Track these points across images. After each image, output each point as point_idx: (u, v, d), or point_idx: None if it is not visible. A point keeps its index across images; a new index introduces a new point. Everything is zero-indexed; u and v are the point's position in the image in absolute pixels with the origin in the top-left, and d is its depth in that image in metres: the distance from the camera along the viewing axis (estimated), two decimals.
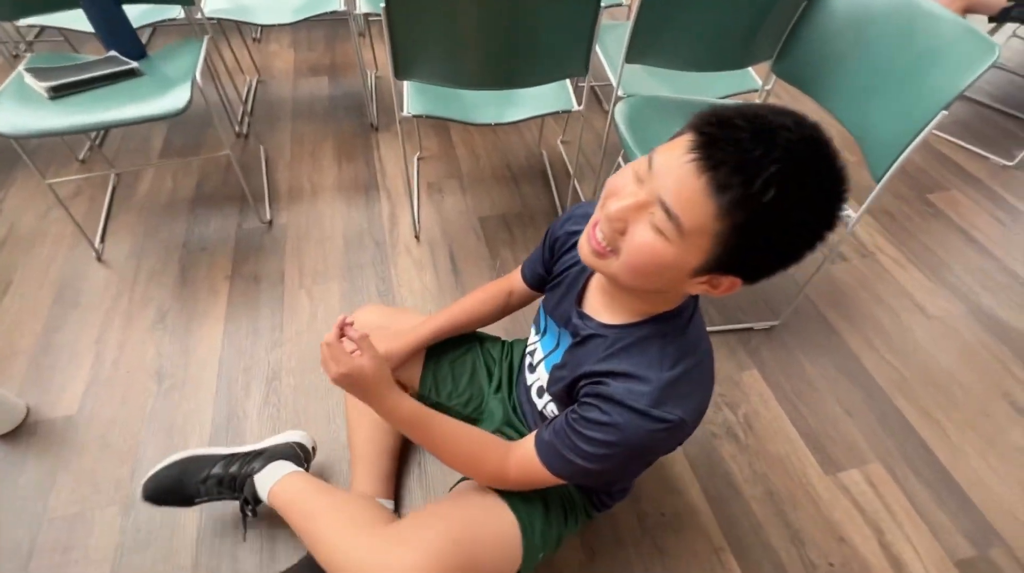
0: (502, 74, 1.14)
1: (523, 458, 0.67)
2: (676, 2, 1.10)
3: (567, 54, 1.13)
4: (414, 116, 1.22)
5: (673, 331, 0.61)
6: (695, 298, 0.64)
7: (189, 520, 0.98)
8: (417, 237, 1.52)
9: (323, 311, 1.33)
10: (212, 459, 0.93)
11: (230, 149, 1.40)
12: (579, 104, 1.30)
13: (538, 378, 0.79)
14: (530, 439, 0.67)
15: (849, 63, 1.08)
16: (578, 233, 0.62)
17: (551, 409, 0.77)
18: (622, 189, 0.52)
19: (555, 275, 0.77)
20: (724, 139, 0.44)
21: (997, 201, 1.74)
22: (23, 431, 1.10)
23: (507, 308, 0.92)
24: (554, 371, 0.72)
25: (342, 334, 0.69)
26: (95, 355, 1.22)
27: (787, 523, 1.02)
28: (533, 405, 0.81)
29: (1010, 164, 1.87)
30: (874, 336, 1.34)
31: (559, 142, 1.85)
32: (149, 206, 1.57)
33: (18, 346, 1.23)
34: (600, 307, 0.67)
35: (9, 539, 0.96)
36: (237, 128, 1.84)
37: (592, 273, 0.70)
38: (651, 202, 0.49)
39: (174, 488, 0.90)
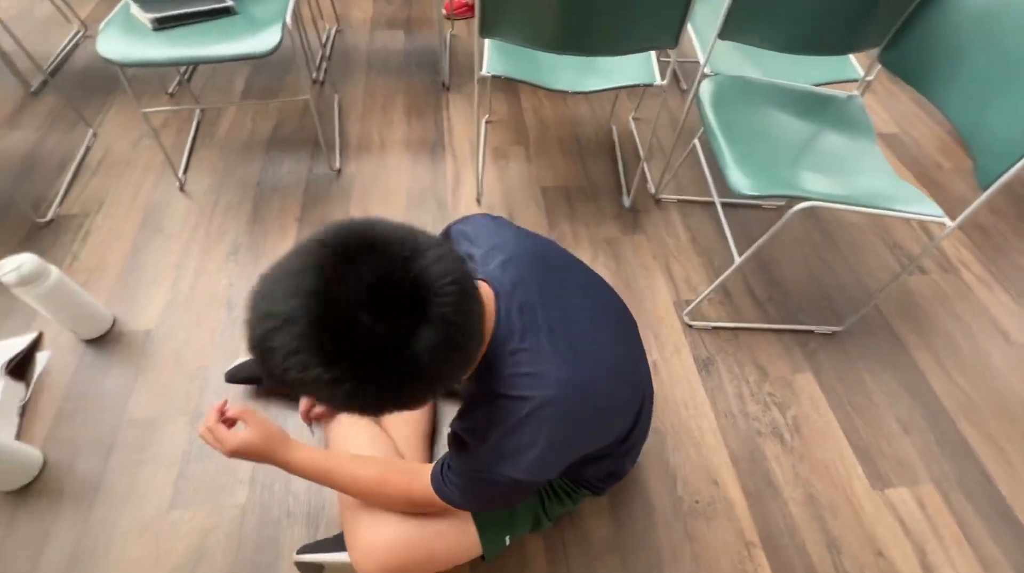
0: (588, 40, 1.11)
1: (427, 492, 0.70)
2: None
3: (658, 24, 1.09)
4: (492, 76, 1.21)
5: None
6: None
7: None
8: (478, 200, 1.53)
9: None
10: None
11: (307, 95, 1.43)
12: (662, 79, 1.25)
13: None
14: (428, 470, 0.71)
15: (971, 57, 0.99)
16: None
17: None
18: None
19: None
20: None
21: None
22: (109, 339, 1.20)
23: None
24: None
25: (223, 415, 0.74)
26: (174, 278, 1.31)
27: (825, 529, 1.00)
28: None
29: None
30: (945, 355, 1.27)
31: (631, 118, 1.79)
32: (229, 144, 1.64)
33: (107, 261, 1.33)
34: None
35: (94, 433, 1.06)
36: (314, 75, 1.88)
37: None
38: None
39: (252, 379, 1.08)
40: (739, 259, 1.12)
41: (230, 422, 0.76)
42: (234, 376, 1.09)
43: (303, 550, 0.88)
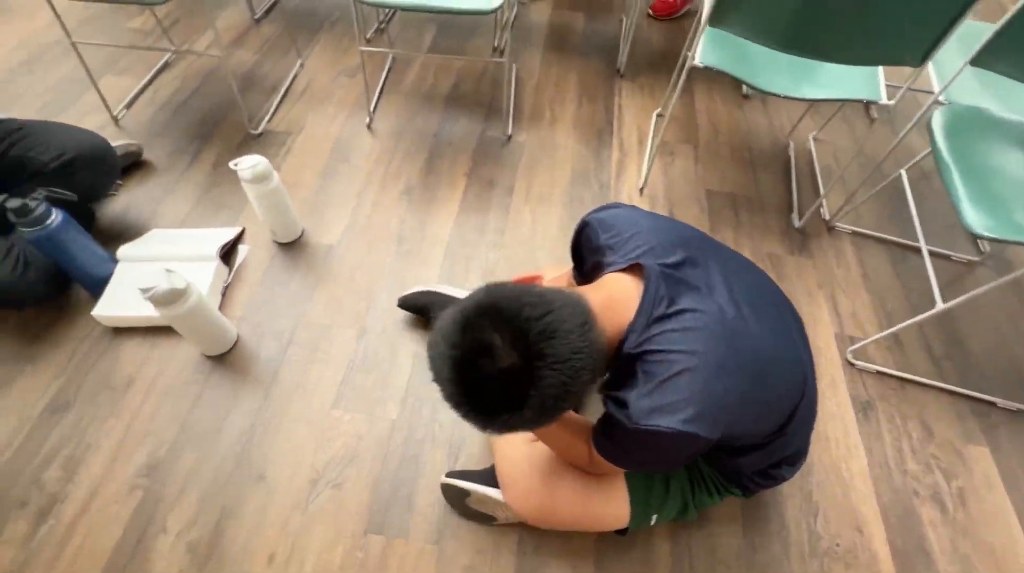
0: (823, 42, 1.06)
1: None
2: None
3: (910, 38, 1.01)
4: (704, 66, 1.18)
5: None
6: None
7: (405, 360, 1.14)
8: (641, 190, 1.51)
9: (541, 231, 1.40)
10: (446, 299, 1.12)
11: (487, 58, 1.48)
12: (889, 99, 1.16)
13: None
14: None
15: None
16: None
17: None
18: None
19: None
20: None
21: None
22: (297, 246, 1.33)
23: None
24: None
25: None
26: (355, 205, 1.43)
27: None
28: None
29: None
30: None
31: (811, 137, 1.69)
32: (413, 93, 1.75)
33: (303, 179, 1.47)
34: None
35: (277, 325, 1.19)
36: (496, 42, 1.95)
37: None
38: None
39: (420, 308, 1.16)
40: (942, 306, 1.03)
41: None
42: (405, 302, 1.17)
43: (451, 475, 0.94)
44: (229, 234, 1.29)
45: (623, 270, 0.68)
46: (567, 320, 0.54)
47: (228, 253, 1.29)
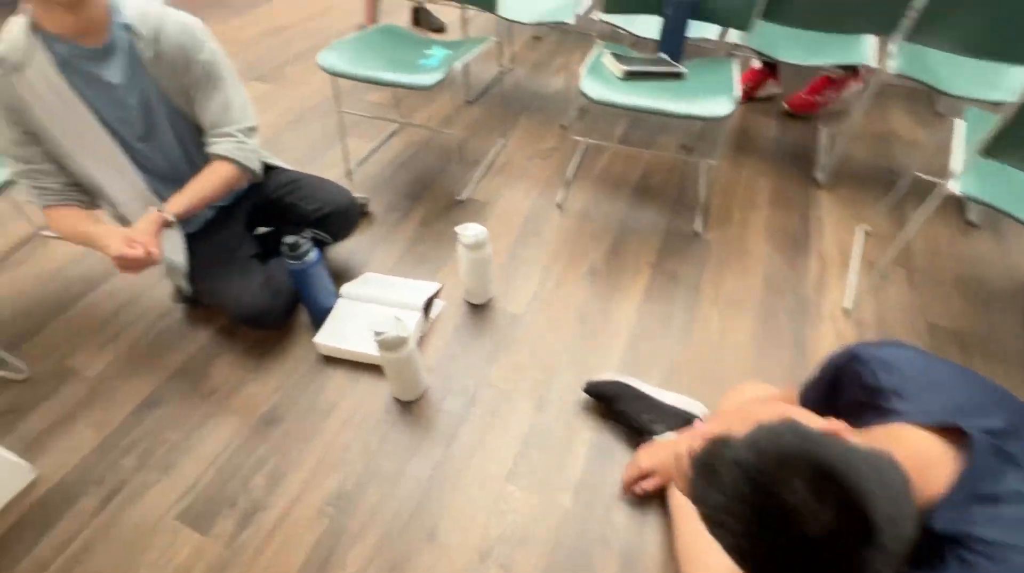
0: None
1: None
2: None
3: None
4: (964, 196, 1.08)
5: None
6: None
7: (580, 447, 1.11)
8: (847, 312, 1.39)
9: (732, 339, 1.33)
10: (634, 394, 1.10)
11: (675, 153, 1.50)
12: None
13: None
14: None
15: None
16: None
17: None
18: None
19: None
20: None
21: None
22: (487, 309, 1.41)
23: None
24: None
25: None
26: (541, 277, 1.49)
27: None
28: None
29: None
30: None
31: None
32: (602, 179, 1.83)
33: (497, 246, 1.57)
34: None
35: (463, 382, 1.24)
36: (686, 141, 2.00)
37: None
38: None
39: (606, 397, 1.13)
40: None
41: None
42: (593, 389, 1.16)
43: None
44: (431, 288, 1.41)
45: (923, 426, 0.59)
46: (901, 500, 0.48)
47: (426, 306, 1.40)
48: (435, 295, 1.42)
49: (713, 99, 1.35)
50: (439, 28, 2.78)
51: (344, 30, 2.80)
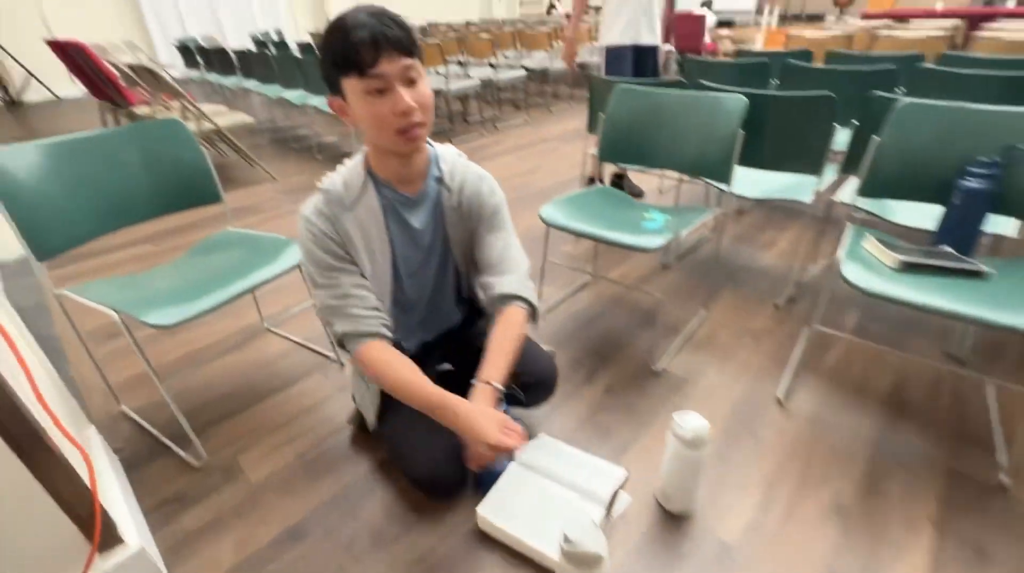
0: None
1: None
2: None
3: None
4: None
5: None
6: None
7: None
8: None
9: None
10: None
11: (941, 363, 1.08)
12: None
13: None
14: None
15: None
16: None
17: None
18: None
19: None
20: None
21: None
22: (685, 522, 1.08)
23: None
24: None
25: None
26: (762, 498, 1.13)
27: None
28: None
29: None
30: None
31: None
32: (837, 379, 1.47)
33: None
34: None
35: None
36: (954, 348, 1.56)
37: None
38: None
39: None
40: None
41: None
42: None
43: None
44: (617, 476, 1.15)
45: None
46: None
47: (611, 498, 1.13)
48: (621, 486, 1.15)
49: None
50: (638, 194, 2.86)
51: (547, 187, 3.06)
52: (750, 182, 1.79)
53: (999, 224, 1.36)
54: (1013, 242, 1.41)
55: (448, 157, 1.06)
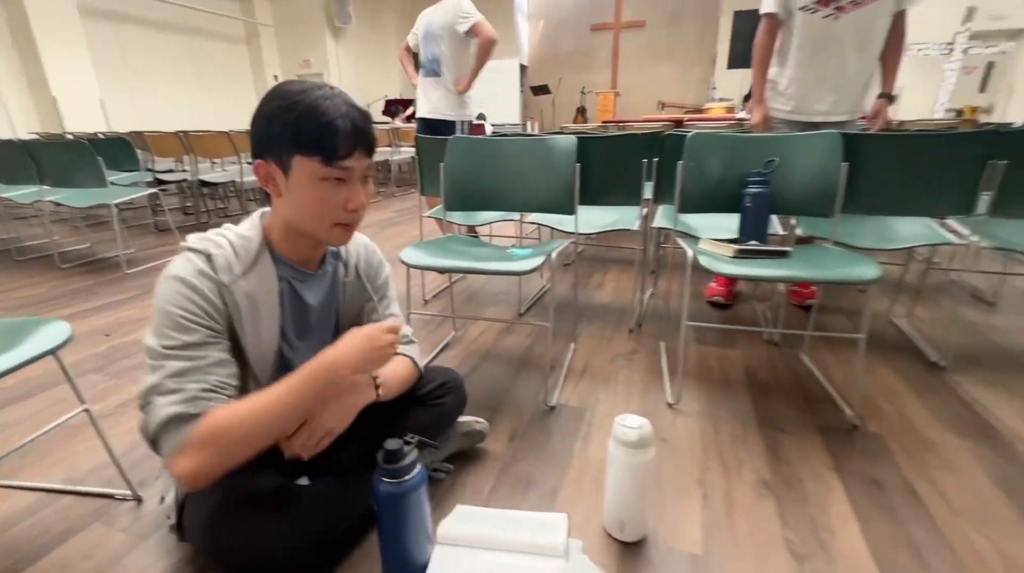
0: None
1: None
2: None
3: None
4: None
5: None
6: None
7: None
8: None
9: None
10: None
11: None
12: None
13: None
14: None
15: None
16: None
17: None
18: None
19: None
20: None
21: None
22: (645, 549, 0.95)
23: None
24: None
25: None
26: (703, 496, 1.08)
27: None
28: None
29: None
30: None
31: None
32: (704, 378, 1.58)
33: None
34: None
35: None
36: (768, 334, 1.85)
37: None
38: None
39: None
40: None
41: None
42: None
43: None
44: (558, 522, 0.97)
45: None
46: None
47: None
48: (566, 532, 0.97)
49: (852, 267, 1.25)
50: None
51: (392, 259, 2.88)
52: (585, 221, 1.95)
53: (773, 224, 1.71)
54: (783, 237, 1.80)
55: None
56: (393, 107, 8.67)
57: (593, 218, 2.00)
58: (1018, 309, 2.11)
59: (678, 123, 4.73)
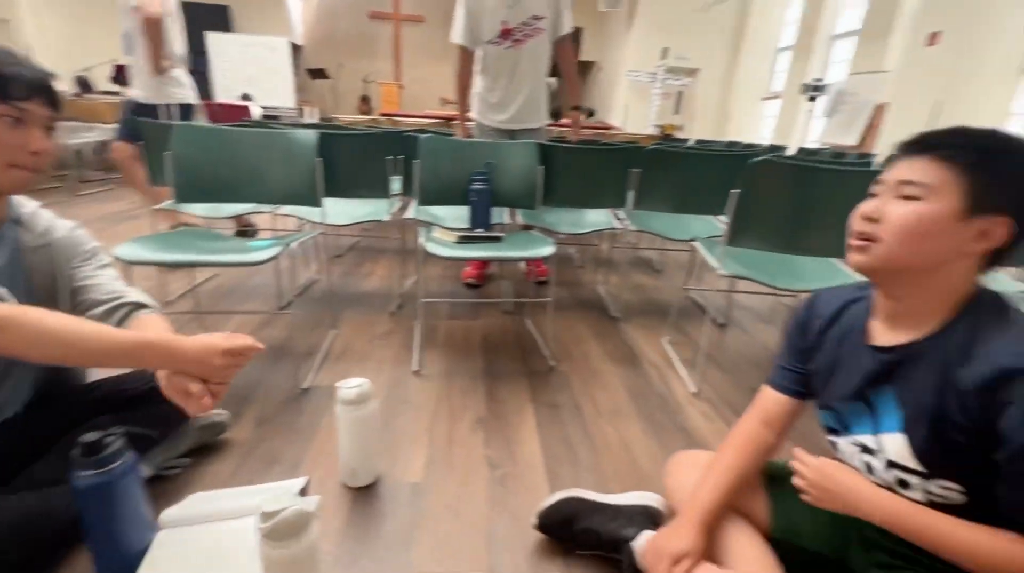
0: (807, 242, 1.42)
1: None
2: None
3: None
4: (730, 275, 1.48)
5: (1003, 320, 0.61)
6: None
7: None
8: (695, 394, 1.60)
9: (631, 439, 1.36)
10: (591, 505, 0.98)
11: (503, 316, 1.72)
12: None
13: (889, 469, 0.70)
14: None
15: None
16: (831, 316, 0.78)
17: (918, 482, 0.68)
18: (865, 204, 0.68)
19: (818, 359, 0.79)
20: (928, 137, 0.64)
21: None
22: (375, 489, 1.13)
23: (767, 446, 0.85)
24: (911, 426, 0.67)
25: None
26: (429, 439, 1.31)
27: None
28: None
29: None
30: None
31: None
32: (449, 346, 1.86)
33: None
34: (895, 330, 0.69)
35: None
36: (508, 306, 2.24)
37: (868, 318, 0.73)
38: (891, 188, 0.65)
39: (565, 523, 0.98)
40: None
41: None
42: (547, 516, 0.98)
43: None
44: (296, 485, 1.07)
45: None
46: None
47: None
48: (304, 491, 1.08)
49: (537, 247, 1.63)
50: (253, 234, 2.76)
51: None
52: (337, 213, 2.04)
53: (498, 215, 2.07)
54: (508, 225, 2.19)
55: (28, 203, 0.98)
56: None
57: (347, 210, 2.10)
58: (672, 273, 2.98)
59: (449, 120, 5.08)
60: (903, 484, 0.69)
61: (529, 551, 0.98)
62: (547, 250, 1.58)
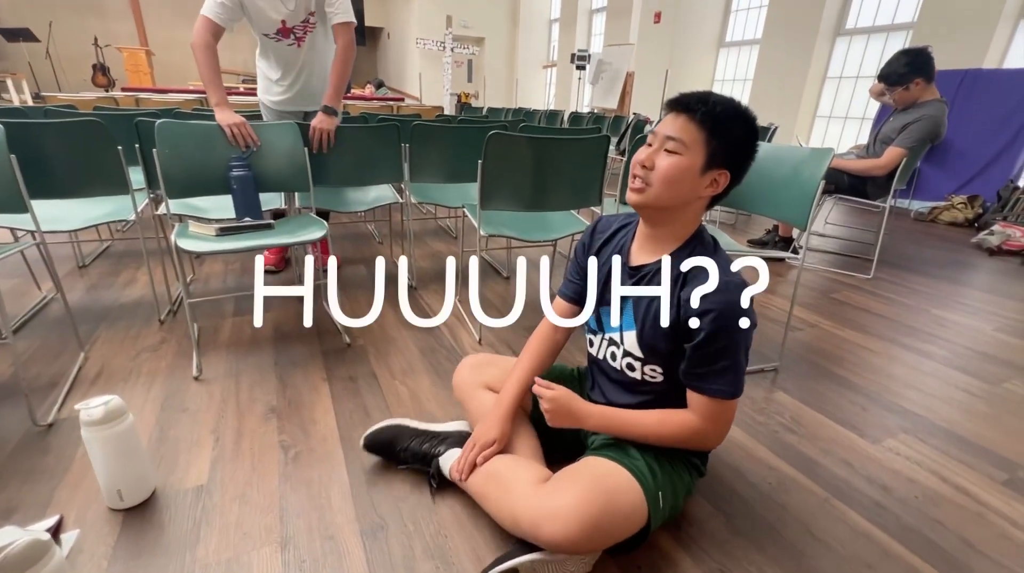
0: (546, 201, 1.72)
1: (707, 411, 0.86)
2: None
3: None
4: (488, 234, 1.70)
5: (709, 251, 0.88)
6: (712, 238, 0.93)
7: (355, 548, 0.99)
8: (479, 341, 1.83)
9: (425, 394, 1.51)
10: (412, 431, 1.16)
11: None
12: None
13: (624, 357, 0.97)
14: (696, 397, 0.87)
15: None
16: (606, 238, 1.02)
17: (638, 366, 0.96)
18: (641, 153, 0.89)
19: (596, 270, 0.94)
20: (687, 98, 0.88)
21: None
22: (152, 503, 1.09)
23: (558, 344, 1.12)
24: (640, 325, 0.92)
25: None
26: (215, 440, 1.28)
27: None
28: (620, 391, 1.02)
29: (868, 277, 2.68)
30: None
31: None
32: (235, 344, 1.77)
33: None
34: (646, 253, 0.93)
35: None
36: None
37: (632, 238, 0.97)
38: (660, 141, 0.86)
39: (388, 445, 1.15)
40: None
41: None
42: (373, 437, 1.17)
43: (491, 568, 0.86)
44: (46, 525, 0.97)
45: None
46: None
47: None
48: (57, 530, 0.99)
49: (309, 231, 1.63)
50: None
51: None
52: (58, 218, 1.72)
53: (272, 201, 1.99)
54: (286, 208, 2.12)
55: None
56: None
57: (77, 212, 1.79)
58: (468, 238, 3.22)
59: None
60: (630, 367, 0.96)
61: (323, 511, 1.07)
62: (318, 233, 1.60)
